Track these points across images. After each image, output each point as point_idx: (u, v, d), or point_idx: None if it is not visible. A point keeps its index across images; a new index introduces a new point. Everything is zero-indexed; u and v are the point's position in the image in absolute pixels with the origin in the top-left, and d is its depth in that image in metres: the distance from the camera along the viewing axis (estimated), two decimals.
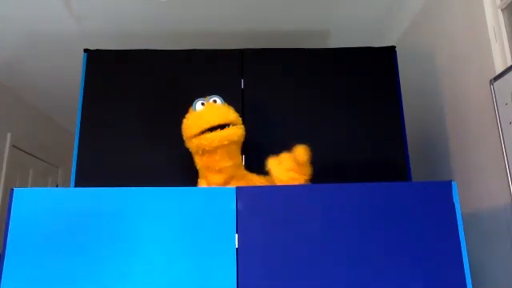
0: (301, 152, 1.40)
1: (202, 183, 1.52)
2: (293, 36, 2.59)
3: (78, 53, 2.38)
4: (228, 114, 1.45)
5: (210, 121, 1.40)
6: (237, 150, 1.50)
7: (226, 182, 1.48)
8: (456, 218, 1.25)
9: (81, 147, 1.78)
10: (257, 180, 1.53)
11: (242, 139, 1.49)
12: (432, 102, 2.12)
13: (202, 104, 1.46)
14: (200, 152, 1.45)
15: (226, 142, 1.42)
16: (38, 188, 1.26)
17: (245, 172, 1.55)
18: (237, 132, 1.44)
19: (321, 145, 1.80)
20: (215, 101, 1.48)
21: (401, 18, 2.38)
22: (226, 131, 1.41)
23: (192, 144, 1.45)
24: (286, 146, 1.81)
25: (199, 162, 1.50)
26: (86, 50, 1.91)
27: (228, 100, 1.53)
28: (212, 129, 1.41)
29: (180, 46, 2.04)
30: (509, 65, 1.55)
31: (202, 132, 1.41)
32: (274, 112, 1.85)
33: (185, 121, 1.48)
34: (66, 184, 4.12)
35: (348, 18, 2.42)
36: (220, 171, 1.47)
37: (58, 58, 2.81)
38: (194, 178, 1.55)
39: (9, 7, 2.26)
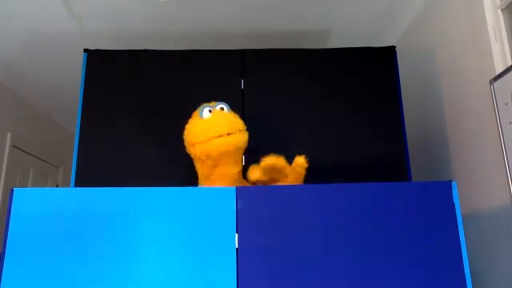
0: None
1: None
2: (293, 36, 2.59)
3: (78, 53, 2.39)
4: (236, 122, 1.42)
5: (218, 130, 1.37)
6: (240, 156, 1.49)
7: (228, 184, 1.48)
8: (456, 218, 1.26)
9: (81, 147, 1.78)
10: None
11: (246, 145, 1.47)
12: (432, 102, 2.12)
13: (210, 111, 1.41)
14: (203, 158, 1.43)
15: (233, 148, 1.40)
16: (38, 188, 1.26)
17: (243, 180, 1.54)
18: (243, 138, 1.42)
19: (321, 145, 1.80)
20: (222, 108, 1.43)
21: (401, 18, 2.38)
22: (232, 137, 1.39)
23: (196, 150, 1.42)
24: (286, 146, 1.81)
25: (201, 169, 1.49)
26: (85, 50, 1.91)
27: (228, 100, 1.53)
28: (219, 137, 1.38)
29: (180, 46, 2.04)
30: (509, 65, 1.55)
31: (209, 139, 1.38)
32: (274, 112, 1.85)
33: (189, 127, 1.43)
34: (65, 184, 4.12)
35: (348, 18, 2.42)
36: (221, 179, 1.46)
37: (58, 58, 2.81)
38: (195, 178, 1.55)
39: (9, 7, 2.26)
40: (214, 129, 1.38)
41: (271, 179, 1.44)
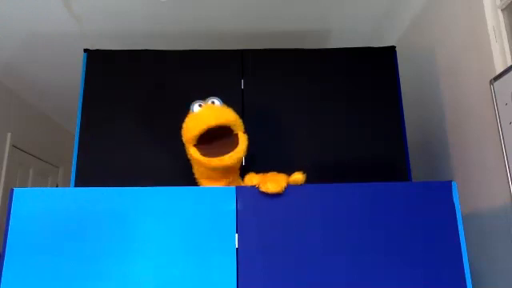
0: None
1: None
2: (293, 36, 2.59)
3: (78, 53, 2.39)
4: (227, 114, 1.40)
5: (207, 122, 1.35)
6: (238, 165, 1.49)
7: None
8: (456, 218, 1.26)
9: (81, 147, 1.78)
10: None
11: (245, 154, 1.44)
12: (432, 102, 2.12)
13: (200, 106, 1.41)
14: (202, 166, 1.43)
15: (229, 166, 1.39)
16: (38, 188, 1.26)
17: (239, 180, 1.54)
18: (240, 154, 1.39)
19: (321, 145, 1.80)
20: (213, 102, 1.42)
21: (401, 17, 2.38)
22: (229, 157, 1.36)
23: (192, 156, 1.41)
24: (286, 146, 1.81)
25: (198, 170, 1.48)
26: (85, 50, 1.91)
27: (228, 100, 1.53)
28: (213, 131, 1.37)
29: (180, 46, 2.04)
30: (509, 65, 1.55)
31: (202, 134, 1.37)
32: (274, 112, 1.85)
33: (184, 125, 1.43)
34: (66, 184, 4.12)
35: (348, 17, 2.42)
36: (219, 180, 1.46)
37: (58, 58, 2.81)
38: (194, 177, 1.54)
39: (9, 7, 2.26)
40: (203, 121, 1.36)
41: None
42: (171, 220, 1.24)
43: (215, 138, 1.39)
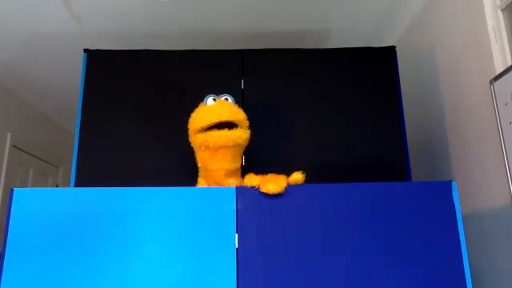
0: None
1: (202, 183, 1.51)
2: (293, 36, 2.59)
3: (78, 53, 2.39)
4: (238, 113, 1.43)
5: (219, 115, 1.39)
6: (239, 153, 1.49)
7: (226, 177, 1.47)
8: (456, 218, 1.26)
9: (81, 147, 1.78)
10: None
11: (247, 143, 1.47)
12: (432, 102, 2.12)
13: (214, 100, 1.45)
14: (202, 148, 1.44)
15: (232, 144, 1.40)
16: (38, 188, 1.26)
17: (241, 179, 1.53)
18: (243, 135, 1.43)
19: (321, 145, 1.80)
20: (227, 99, 1.47)
21: (401, 17, 2.38)
22: (232, 132, 1.40)
23: (196, 139, 1.43)
24: (285, 146, 1.81)
25: (200, 160, 1.49)
26: (85, 50, 1.91)
27: None
28: (220, 126, 1.39)
29: (180, 46, 2.04)
30: (509, 65, 1.55)
31: (210, 127, 1.39)
32: (274, 112, 1.85)
33: (193, 114, 1.46)
34: (66, 184, 4.12)
35: (348, 18, 2.42)
36: (219, 172, 1.46)
37: (58, 58, 2.81)
38: (194, 178, 1.55)
39: (9, 7, 2.26)
40: (215, 114, 1.39)
41: None
42: (171, 220, 1.24)
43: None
